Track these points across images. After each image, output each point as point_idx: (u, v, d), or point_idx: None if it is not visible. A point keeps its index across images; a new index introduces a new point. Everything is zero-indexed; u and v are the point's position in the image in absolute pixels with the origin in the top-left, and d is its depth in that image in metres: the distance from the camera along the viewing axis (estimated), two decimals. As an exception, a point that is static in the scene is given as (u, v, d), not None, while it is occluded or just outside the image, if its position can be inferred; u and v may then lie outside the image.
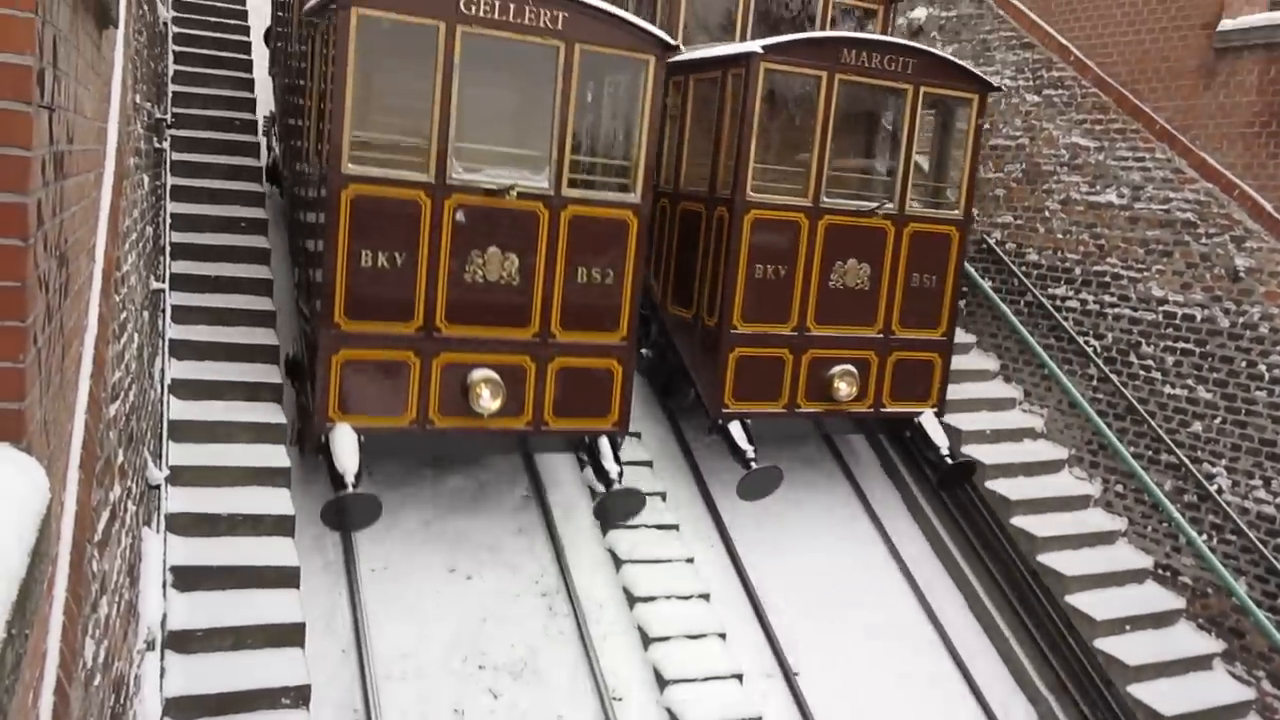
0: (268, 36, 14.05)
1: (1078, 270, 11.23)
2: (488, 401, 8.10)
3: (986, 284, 12.13)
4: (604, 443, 8.83)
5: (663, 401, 11.00)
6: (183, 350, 8.80)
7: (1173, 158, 10.34)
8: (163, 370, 8.24)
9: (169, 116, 10.31)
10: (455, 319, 8.10)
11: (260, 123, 12.21)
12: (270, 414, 8.64)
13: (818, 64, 9.16)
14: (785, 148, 10.07)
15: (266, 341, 9.22)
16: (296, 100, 10.29)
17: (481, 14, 7.62)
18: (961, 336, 11.95)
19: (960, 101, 9.99)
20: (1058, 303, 11.41)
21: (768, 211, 9.28)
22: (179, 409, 8.28)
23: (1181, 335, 10.18)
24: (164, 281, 8.77)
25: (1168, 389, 10.28)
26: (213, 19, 12.87)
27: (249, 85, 12.26)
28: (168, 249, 9.38)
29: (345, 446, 7.70)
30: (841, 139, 9.92)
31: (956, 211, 10.05)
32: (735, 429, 9.47)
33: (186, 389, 8.51)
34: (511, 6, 7.67)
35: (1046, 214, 11.63)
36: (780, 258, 9.37)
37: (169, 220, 9.71)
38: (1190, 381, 10.08)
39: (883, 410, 10.07)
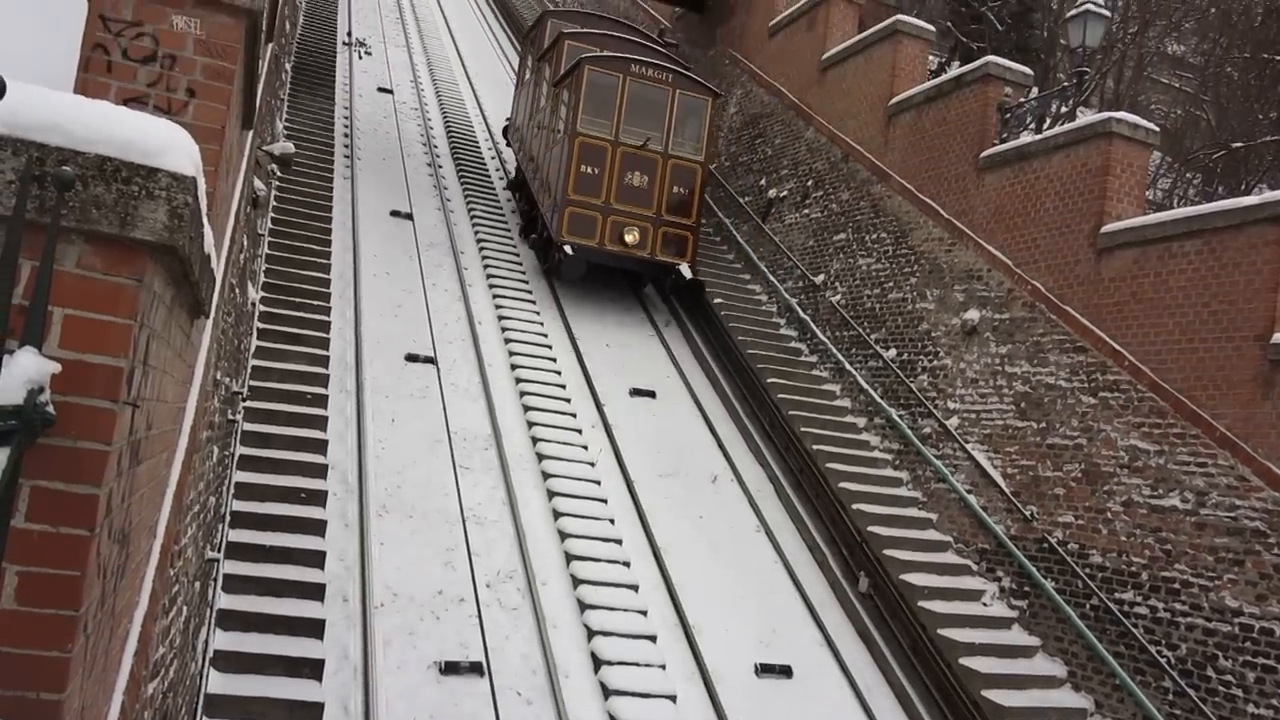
0: None
1: (1144, 575, 10.86)
2: None
3: (1049, 584, 11.75)
4: None
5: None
6: (229, 621, 8.73)
7: (1236, 465, 10.20)
8: (206, 641, 8.14)
9: (245, 390, 10.73)
10: None
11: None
12: (308, 692, 8.43)
13: (617, 70, 18.01)
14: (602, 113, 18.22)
15: (313, 615, 9.13)
16: None
17: None
18: (1025, 639, 11.92)
19: (701, 100, 18.52)
20: (1125, 608, 10.97)
21: (590, 139, 17.76)
22: (217, 682, 8.12)
23: (1261, 650, 9.66)
24: (219, 550, 8.83)
25: (1250, 708, 9.65)
26: (297, 299, 13.64)
27: (324, 361, 12.80)
28: (227, 518, 9.50)
29: None
30: (635, 114, 18.12)
31: (700, 157, 18.57)
32: (567, 248, 17.35)
33: (228, 661, 8.38)
34: None
35: (1109, 515, 11.39)
36: (596, 164, 17.73)
37: (232, 489, 9.90)
38: (1275, 701, 9.46)
39: (657, 259, 17.98)
